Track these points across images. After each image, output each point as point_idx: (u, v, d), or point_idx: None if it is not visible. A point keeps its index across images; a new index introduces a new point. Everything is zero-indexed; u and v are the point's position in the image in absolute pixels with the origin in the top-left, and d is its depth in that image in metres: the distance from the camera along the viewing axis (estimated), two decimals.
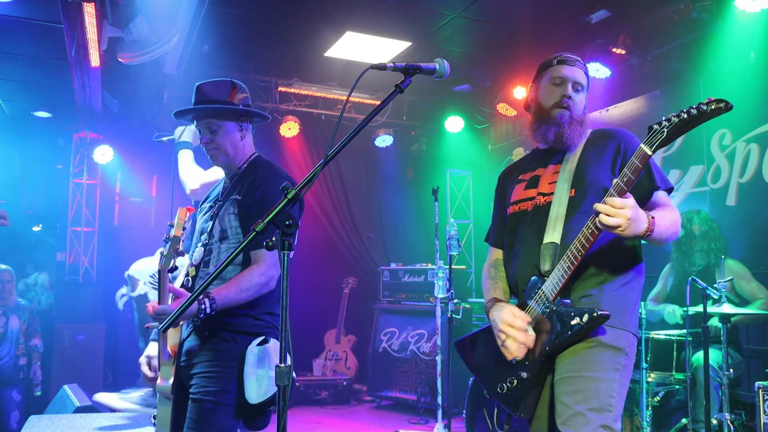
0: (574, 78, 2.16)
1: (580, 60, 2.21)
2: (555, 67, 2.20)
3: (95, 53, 4.73)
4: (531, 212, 2.14)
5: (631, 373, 2.01)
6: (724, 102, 1.65)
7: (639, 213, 1.79)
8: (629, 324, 2.02)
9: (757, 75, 4.59)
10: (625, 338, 1.98)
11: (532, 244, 2.09)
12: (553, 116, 2.14)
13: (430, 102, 7.48)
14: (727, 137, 4.81)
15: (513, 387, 2.03)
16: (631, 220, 1.76)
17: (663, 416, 4.22)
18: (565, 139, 2.12)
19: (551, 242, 2.02)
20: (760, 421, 3.39)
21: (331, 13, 5.27)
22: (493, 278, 2.29)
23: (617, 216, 1.75)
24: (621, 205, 1.75)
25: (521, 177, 2.27)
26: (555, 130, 2.13)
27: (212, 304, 2.06)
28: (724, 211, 4.75)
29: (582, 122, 2.16)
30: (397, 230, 8.14)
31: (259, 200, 2.23)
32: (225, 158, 2.37)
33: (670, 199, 2.09)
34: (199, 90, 2.35)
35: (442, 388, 4.95)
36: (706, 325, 3.61)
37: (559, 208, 2.05)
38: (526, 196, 2.19)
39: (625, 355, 1.96)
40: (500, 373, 2.08)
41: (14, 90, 6.48)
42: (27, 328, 5.68)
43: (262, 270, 2.15)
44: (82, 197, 6.86)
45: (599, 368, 1.91)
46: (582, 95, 2.18)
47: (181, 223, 2.21)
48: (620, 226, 1.76)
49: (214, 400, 2.12)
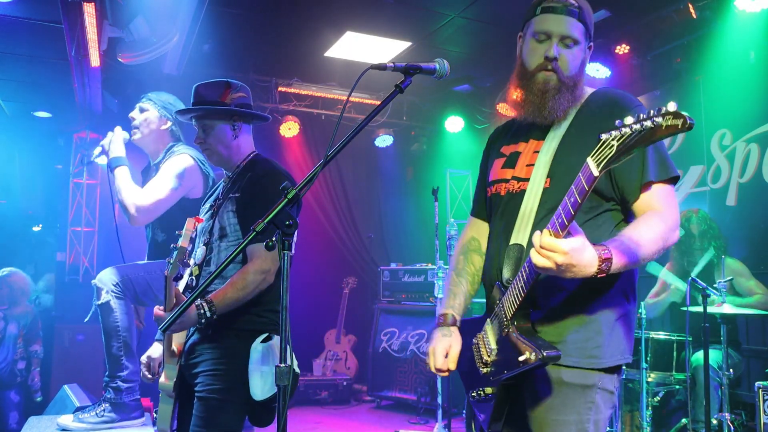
0: (562, 31, 1.70)
1: (573, 2, 1.71)
2: (538, 17, 1.74)
3: (95, 53, 4.73)
4: (504, 200, 1.80)
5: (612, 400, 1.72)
6: (683, 118, 1.21)
7: (580, 257, 1.41)
8: (605, 359, 1.67)
9: (757, 75, 4.59)
10: (596, 378, 1.67)
11: (499, 241, 1.77)
12: (535, 82, 1.73)
13: (430, 102, 7.48)
14: (727, 137, 4.81)
15: (482, 397, 1.84)
16: (562, 266, 1.40)
17: (663, 416, 4.22)
18: (547, 112, 1.71)
19: (516, 244, 1.70)
20: (760, 421, 3.39)
21: (331, 13, 5.27)
22: (457, 273, 1.95)
23: (545, 257, 1.41)
24: (550, 246, 1.40)
25: (502, 150, 1.88)
26: (533, 100, 1.72)
27: (211, 307, 2.09)
28: (724, 211, 4.75)
29: (574, 86, 1.72)
30: (397, 230, 8.14)
31: (256, 197, 2.23)
32: (218, 158, 2.39)
33: (672, 194, 1.66)
34: (195, 91, 2.38)
35: (442, 388, 4.95)
36: (707, 325, 3.61)
37: (531, 201, 1.69)
38: (501, 176, 1.83)
39: (597, 390, 1.66)
40: (474, 379, 1.87)
41: (14, 90, 6.48)
42: (27, 333, 5.66)
43: (256, 267, 2.15)
44: (82, 197, 6.86)
45: (568, 411, 1.65)
46: (576, 49, 1.72)
47: (189, 234, 2.19)
48: (550, 270, 1.43)
49: (219, 398, 2.13)
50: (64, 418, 3.02)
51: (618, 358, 1.70)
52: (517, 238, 1.71)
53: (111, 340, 3.03)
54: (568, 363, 1.64)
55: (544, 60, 1.72)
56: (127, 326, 3.04)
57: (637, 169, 1.63)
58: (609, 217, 1.72)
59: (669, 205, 1.64)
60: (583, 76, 1.78)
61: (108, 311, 3.00)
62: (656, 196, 1.64)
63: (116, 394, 3.03)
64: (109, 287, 2.99)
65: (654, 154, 1.64)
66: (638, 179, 1.63)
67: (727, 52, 4.76)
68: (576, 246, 1.41)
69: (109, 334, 3.03)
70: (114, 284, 3.01)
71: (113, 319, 3.01)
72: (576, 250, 1.40)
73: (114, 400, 3.03)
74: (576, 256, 1.40)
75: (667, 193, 1.65)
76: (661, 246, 1.58)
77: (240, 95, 2.39)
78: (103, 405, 3.04)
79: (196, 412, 2.16)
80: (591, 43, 1.80)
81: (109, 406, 3.03)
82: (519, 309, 1.62)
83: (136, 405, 3.10)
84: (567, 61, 1.72)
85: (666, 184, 1.65)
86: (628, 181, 1.65)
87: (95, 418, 3.00)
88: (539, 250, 1.42)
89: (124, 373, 3.05)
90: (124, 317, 3.02)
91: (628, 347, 1.74)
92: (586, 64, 1.80)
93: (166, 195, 2.91)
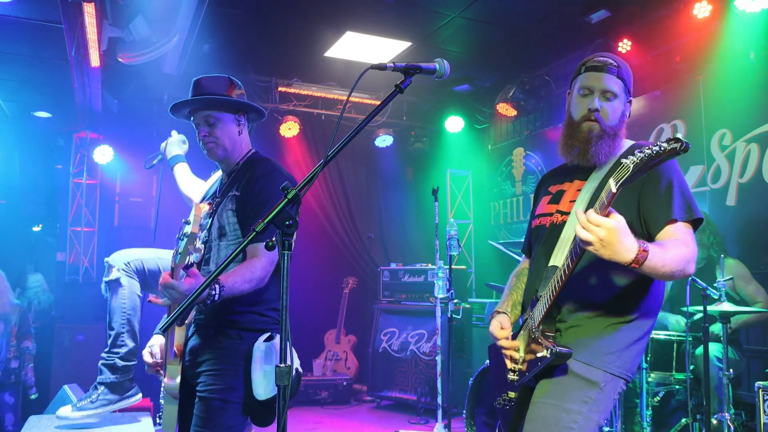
0: (603, 86, 1.95)
1: (612, 62, 1.97)
2: (582, 75, 1.99)
3: (95, 53, 4.73)
4: (548, 230, 2.02)
5: (606, 411, 1.87)
6: (680, 142, 1.45)
7: (620, 237, 1.57)
8: (614, 365, 1.86)
9: (757, 75, 4.59)
10: (602, 377, 1.85)
11: (540, 264, 1.99)
12: (581, 130, 1.96)
13: (430, 102, 7.48)
14: (727, 137, 4.81)
15: (506, 402, 2.02)
16: (603, 241, 1.56)
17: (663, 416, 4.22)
18: (590, 156, 1.94)
19: (553, 266, 1.90)
20: (760, 421, 3.39)
21: (331, 13, 5.27)
22: (509, 288, 2.23)
23: (589, 231, 1.57)
24: (596, 222, 1.56)
25: (550, 189, 2.12)
26: (578, 146, 1.96)
27: (222, 290, 1.98)
28: (724, 211, 4.75)
29: (615, 134, 1.95)
30: (397, 230, 8.14)
31: (256, 196, 2.21)
32: (223, 152, 2.34)
33: (692, 234, 1.83)
34: (197, 84, 2.35)
35: (442, 388, 4.95)
36: (707, 326, 3.61)
37: (570, 231, 1.88)
38: (547, 211, 2.06)
39: (598, 389, 1.84)
40: (501, 386, 2.07)
41: (14, 90, 6.48)
42: (18, 330, 5.62)
43: (263, 264, 2.12)
44: (82, 197, 6.86)
45: (565, 398, 1.82)
46: (616, 102, 1.96)
47: (198, 220, 2.13)
48: (592, 244, 1.58)
49: (221, 398, 2.12)
50: (63, 410, 3.00)
51: (623, 372, 1.88)
52: (555, 260, 1.91)
53: (114, 316, 3.02)
54: (580, 358, 1.84)
55: (588, 111, 1.95)
56: (133, 306, 3.04)
57: (664, 208, 1.82)
58: None
59: (690, 240, 1.80)
60: (623, 127, 2.00)
61: (116, 288, 3.00)
62: (679, 230, 1.81)
63: (112, 373, 3.01)
64: (120, 265, 3.01)
65: (680, 197, 1.83)
66: (664, 217, 1.82)
67: (727, 52, 4.76)
68: (619, 226, 1.56)
69: (113, 310, 3.02)
70: (125, 263, 3.02)
71: (121, 296, 3.01)
72: (619, 230, 1.56)
73: (110, 380, 3.01)
74: (617, 235, 1.56)
75: (688, 231, 1.82)
76: (682, 267, 1.72)
77: (242, 92, 2.40)
78: (100, 388, 3.01)
79: (198, 413, 2.15)
80: (630, 98, 2.02)
81: (105, 389, 3.00)
82: (546, 316, 1.83)
83: (131, 385, 3.09)
84: (608, 113, 1.95)
85: (689, 224, 1.83)
86: (655, 219, 1.84)
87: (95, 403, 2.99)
88: (585, 224, 1.57)
89: (123, 351, 3.03)
90: (131, 295, 3.03)
91: (633, 368, 1.92)
92: (626, 117, 2.01)
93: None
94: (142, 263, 3.07)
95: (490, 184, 7.50)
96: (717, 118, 4.87)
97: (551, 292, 1.81)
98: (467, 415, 4.28)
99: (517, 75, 6.42)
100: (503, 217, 7.25)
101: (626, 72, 1.99)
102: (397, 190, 8.23)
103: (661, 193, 1.83)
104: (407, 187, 8.30)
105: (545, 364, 1.79)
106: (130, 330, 3.05)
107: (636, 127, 5.23)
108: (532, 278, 2.04)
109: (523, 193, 6.94)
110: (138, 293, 3.09)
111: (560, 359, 1.77)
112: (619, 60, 1.99)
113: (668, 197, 1.81)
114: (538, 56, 6.20)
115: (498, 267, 6.99)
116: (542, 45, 5.87)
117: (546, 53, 6.14)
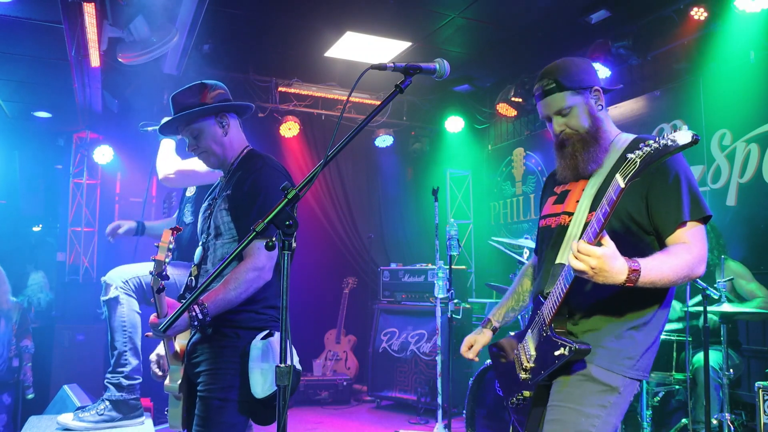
0: (552, 110, 1.96)
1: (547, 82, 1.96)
2: (537, 105, 2.03)
3: (95, 53, 4.73)
4: (554, 231, 2.03)
5: (622, 413, 1.90)
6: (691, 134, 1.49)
7: (611, 264, 1.60)
8: (633, 369, 1.87)
9: (757, 75, 4.59)
10: (621, 381, 1.86)
11: (547, 264, 2.01)
12: (563, 149, 2.00)
13: (430, 102, 7.48)
14: (727, 137, 4.81)
15: (520, 401, 2.03)
16: (595, 269, 1.60)
17: (663, 416, 4.22)
18: (586, 166, 1.95)
19: (560, 264, 1.92)
20: (760, 421, 3.39)
21: (331, 13, 5.27)
22: (510, 291, 2.31)
23: (581, 261, 1.62)
24: (586, 251, 1.60)
25: (555, 189, 2.13)
26: (569, 163, 1.98)
27: (203, 310, 2.06)
28: (724, 212, 4.75)
29: (595, 133, 1.95)
30: (397, 230, 8.14)
31: (246, 193, 2.20)
32: (215, 159, 2.37)
33: (702, 232, 1.83)
34: (173, 101, 2.35)
35: (442, 388, 4.95)
36: (707, 325, 3.61)
37: (576, 229, 1.92)
38: (553, 212, 2.07)
39: (617, 394, 1.86)
40: (512, 386, 2.08)
41: (14, 90, 6.48)
42: (18, 328, 5.61)
43: (249, 265, 2.12)
44: (82, 197, 6.86)
45: (584, 402, 1.83)
46: (576, 110, 1.94)
47: (165, 247, 2.06)
48: (586, 273, 1.62)
49: (220, 397, 2.12)
50: (64, 417, 3.01)
51: (641, 374, 1.90)
52: (561, 258, 1.94)
53: (116, 335, 3.03)
54: (600, 363, 1.85)
55: (556, 136, 2.01)
56: (134, 323, 3.05)
57: (673, 209, 1.81)
58: (651, 249, 1.87)
59: (698, 241, 1.81)
60: (600, 120, 1.97)
61: (114, 306, 3.01)
62: (688, 232, 1.81)
63: (118, 391, 3.03)
64: (117, 283, 3.01)
65: (688, 195, 1.82)
66: (674, 219, 1.81)
67: (727, 52, 4.76)
68: (608, 253, 1.60)
69: (114, 329, 3.03)
70: (123, 281, 3.02)
71: (120, 314, 3.01)
72: (608, 257, 1.60)
73: (115, 397, 3.03)
74: (608, 261, 1.60)
75: (698, 231, 1.83)
76: (686, 273, 1.74)
77: (218, 92, 2.36)
78: (104, 404, 3.03)
79: (198, 412, 2.15)
80: (593, 87, 1.97)
81: (109, 405, 3.02)
82: (557, 314, 1.85)
83: (136, 404, 3.10)
84: (573, 123, 1.95)
85: (698, 222, 1.83)
86: (665, 220, 1.83)
87: (95, 417, 2.99)
88: (577, 255, 1.62)
89: (127, 369, 3.04)
90: (130, 313, 3.03)
91: (649, 368, 1.95)
92: (597, 108, 1.98)
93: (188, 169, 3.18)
94: (140, 280, 3.07)
95: (490, 184, 7.50)
96: (717, 118, 4.87)
97: (557, 296, 1.83)
98: (467, 415, 4.28)
99: (517, 75, 6.42)
100: (503, 217, 7.26)
101: (568, 75, 1.95)
102: (397, 190, 8.23)
103: (670, 192, 1.82)
104: (407, 187, 8.30)
105: (563, 362, 1.80)
106: (133, 348, 3.07)
107: (636, 127, 5.23)
108: (539, 277, 2.06)
109: (523, 194, 6.95)
110: (137, 310, 3.10)
111: (579, 355, 1.79)
112: (556, 68, 1.97)
113: (677, 196, 1.81)
114: (538, 56, 6.20)
115: (498, 267, 7.00)
116: (542, 45, 5.87)
117: (546, 53, 6.12)
